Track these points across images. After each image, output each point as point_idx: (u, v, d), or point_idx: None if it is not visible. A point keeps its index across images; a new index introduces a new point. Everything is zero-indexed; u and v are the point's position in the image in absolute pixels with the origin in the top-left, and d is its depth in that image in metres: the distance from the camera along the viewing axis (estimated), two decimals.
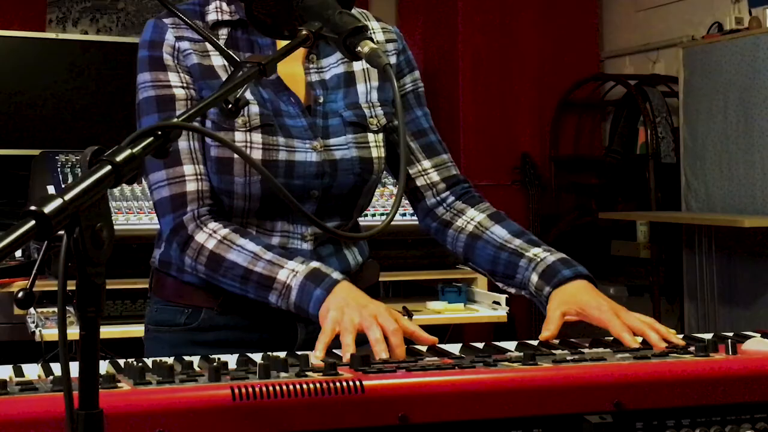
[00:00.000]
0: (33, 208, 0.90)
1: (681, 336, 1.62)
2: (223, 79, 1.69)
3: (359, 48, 1.37)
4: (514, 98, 5.81)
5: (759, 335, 1.58)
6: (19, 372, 1.36)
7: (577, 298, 1.63)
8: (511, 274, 1.74)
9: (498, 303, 3.48)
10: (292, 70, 1.74)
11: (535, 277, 1.70)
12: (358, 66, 1.78)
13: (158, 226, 1.76)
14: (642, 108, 5.34)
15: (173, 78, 1.71)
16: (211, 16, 1.74)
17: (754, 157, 4.65)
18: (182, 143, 1.68)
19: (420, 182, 1.83)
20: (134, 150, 1.01)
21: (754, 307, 4.74)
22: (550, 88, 5.83)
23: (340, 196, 1.74)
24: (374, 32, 1.83)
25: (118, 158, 0.99)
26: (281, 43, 1.71)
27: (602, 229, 5.65)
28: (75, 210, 0.93)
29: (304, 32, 1.39)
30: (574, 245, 5.86)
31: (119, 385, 1.19)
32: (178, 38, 1.71)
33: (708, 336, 1.62)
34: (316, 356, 1.47)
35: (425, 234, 1.91)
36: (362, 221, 1.93)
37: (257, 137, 1.67)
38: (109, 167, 0.98)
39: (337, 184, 1.73)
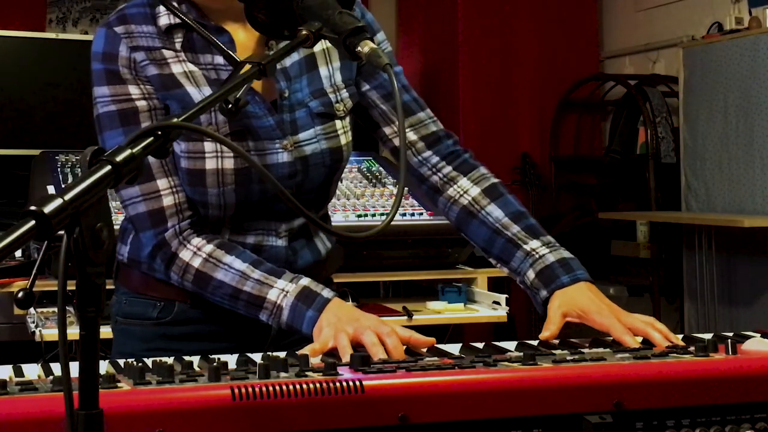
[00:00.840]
0: (33, 208, 0.90)
1: (681, 336, 1.62)
2: (186, 86, 1.66)
3: (359, 48, 1.37)
4: (514, 98, 5.80)
5: (759, 335, 1.58)
6: (19, 372, 1.36)
7: (577, 302, 1.63)
8: (506, 259, 1.73)
9: (498, 303, 3.47)
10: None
11: (531, 274, 1.69)
12: (318, 47, 1.73)
13: None
14: (642, 108, 5.34)
15: (133, 90, 1.67)
16: (163, 20, 1.68)
17: (754, 157, 4.65)
18: (151, 157, 1.66)
19: (398, 143, 1.78)
20: (134, 150, 1.01)
21: (754, 307, 4.74)
22: (550, 88, 5.83)
23: (312, 190, 1.74)
24: None
25: (118, 158, 0.99)
26: (239, 40, 1.69)
27: (602, 229, 5.65)
28: (75, 210, 0.93)
29: (304, 32, 1.39)
30: (574, 245, 5.83)
31: (119, 385, 1.19)
32: (133, 48, 1.66)
33: (708, 336, 1.62)
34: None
35: (425, 233, 1.91)
36: (362, 221, 1.93)
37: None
38: (109, 167, 0.98)
39: (309, 179, 1.72)
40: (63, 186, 3.19)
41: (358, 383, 1.20)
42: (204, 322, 1.73)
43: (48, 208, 0.90)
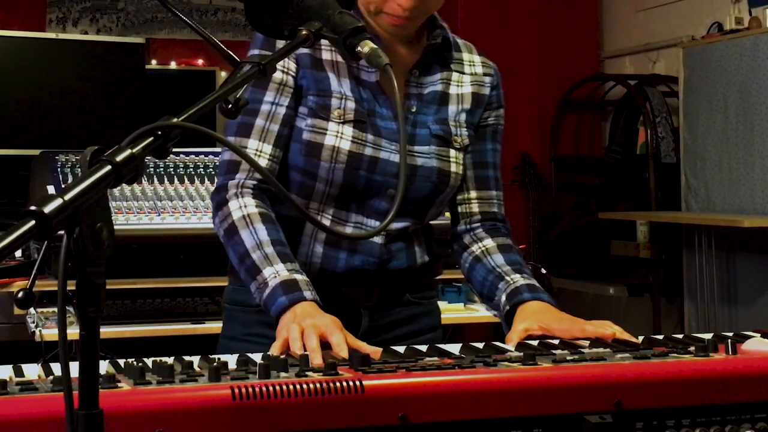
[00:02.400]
0: (33, 208, 0.90)
1: (681, 336, 1.62)
2: (328, 73, 1.79)
3: (359, 48, 1.37)
4: (514, 98, 5.80)
5: (759, 335, 1.58)
6: (19, 372, 1.36)
7: (538, 315, 1.73)
8: (492, 296, 1.85)
9: None
10: (396, 80, 1.76)
11: (503, 298, 1.81)
12: (453, 90, 1.88)
13: (158, 226, 1.79)
14: (642, 108, 5.34)
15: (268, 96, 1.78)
16: None
17: (754, 157, 4.65)
18: (259, 121, 1.77)
19: (461, 209, 1.93)
20: (134, 150, 1.01)
21: (754, 307, 4.74)
22: (550, 88, 5.83)
23: (414, 201, 1.82)
24: (474, 65, 1.94)
25: (118, 158, 0.99)
26: (389, 53, 1.78)
27: (602, 229, 5.65)
28: (75, 210, 0.93)
29: (304, 32, 1.39)
30: (574, 245, 5.87)
31: (119, 385, 1.19)
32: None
33: (708, 336, 1.62)
34: (272, 353, 1.50)
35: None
36: None
37: (348, 130, 1.76)
38: (109, 167, 0.98)
39: (414, 188, 1.81)
40: (63, 186, 3.20)
41: (358, 383, 1.20)
42: None
43: (48, 208, 0.90)
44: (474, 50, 1.97)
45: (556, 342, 1.60)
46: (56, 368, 1.35)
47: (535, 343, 1.59)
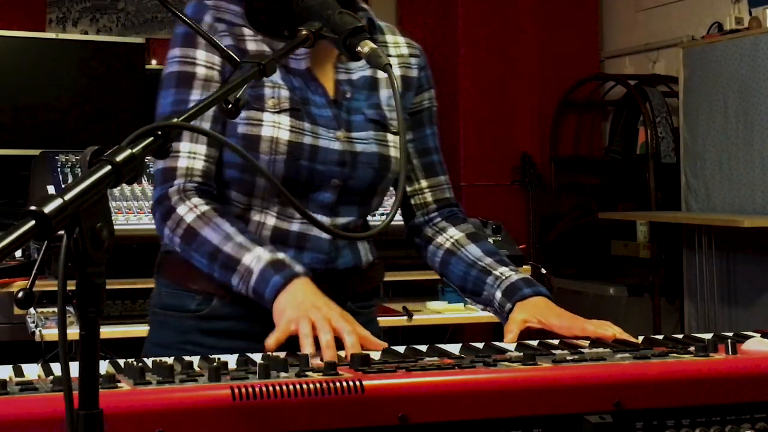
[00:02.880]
0: (33, 208, 0.90)
1: (681, 336, 1.62)
2: None
3: (359, 48, 1.37)
4: (514, 98, 5.81)
5: (759, 335, 1.58)
6: (19, 372, 1.36)
7: (538, 310, 1.72)
8: (479, 291, 1.82)
9: None
10: (323, 65, 1.77)
11: (498, 294, 1.78)
12: (382, 74, 1.82)
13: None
14: (642, 108, 5.34)
15: (200, 55, 1.74)
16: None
17: (754, 157, 4.65)
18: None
19: (414, 201, 1.91)
20: (134, 150, 1.01)
21: (754, 307, 4.74)
22: (550, 88, 5.83)
23: (358, 190, 1.77)
24: (399, 46, 1.89)
25: (118, 158, 0.99)
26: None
27: (602, 229, 5.65)
28: (75, 210, 0.93)
29: (304, 32, 1.39)
30: (574, 245, 5.87)
31: (119, 385, 1.19)
32: (217, 19, 1.74)
33: (708, 336, 1.62)
34: (267, 347, 1.50)
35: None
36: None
37: (285, 119, 1.71)
38: (109, 167, 0.98)
39: (357, 176, 1.76)
40: (63, 186, 3.20)
41: (358, 383, 1.20)
42: (240, 320, 1.74)
43: (48, 208, 0.90)
44: (397, 32, 1.92)
45: (556, 342, 1.60)
46: (56, 368, 1.35)
47: (535, 343, 1.59)
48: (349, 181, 1.75)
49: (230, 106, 1.26)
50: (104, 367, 1.38)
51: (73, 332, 1.64)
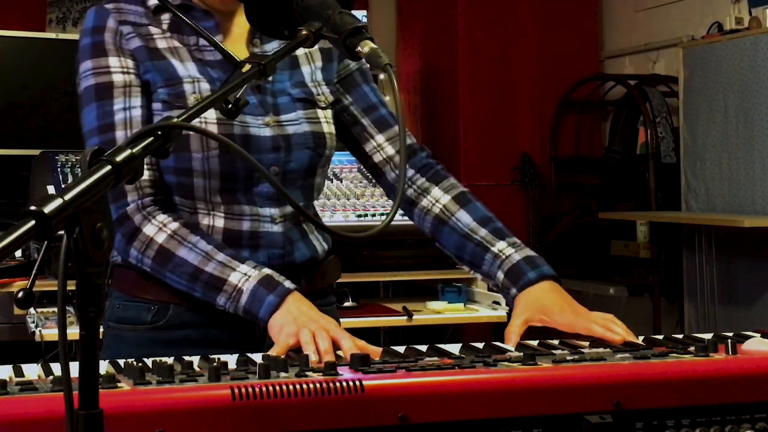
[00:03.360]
0: (33, 208, 0.90)
1: (681, 336, 1.62)
2: (170, 59, 1.70)
3: (359, 48, 1.37)
4: (514, 98, 5.80)
5: (759, 335, 1.58)
6: (19, 372, 1.36)
7: (540, 302, 1.67)
8: (477, 264, 1.78)
9: (498, 303, 3.47)
10: (238, 52, 1.73)
11: (501, 275, 1.73)
12: (300, 51, 1.78)
13: None
14: (642, 108, 5.34)
15: (113, 62, 1.69)
16: (152, 1, 1.74)
17: (754, 157, 4.65)
18: (119, 133, 1.67)
19: (377, 158, 1.84)
20: (134, 150, 1.01)
21: (754, 307, 4.74)
22: (550, 88, 5.83)
23: (299, 173, 1.74)
24: None
25: (118, 158, 0.99)
26: (225, 26, 1.75)
27: (602, 229, 5.65)
28: (75, 210, 0.93)
29: (304, 32, 1.39)
30: (574, 245, 5.87)
31: (119, 385, 1.19)
32: (121, 22, 1.70)
33: (708, 336, 1.62)
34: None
35: (425, 234, 1.91)
36: (363, 221, 1.93)
37: (211, 113, 1.66)
38: (109, 167, 0.98)
39: (295, 159, 1.73)
40: (63, 186, 3.19)
41: (358, 383, 1.20)
42: (199, 327, 1.72)
43: (48, 208, 0.90)
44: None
45: (556, 342, 1.60)
46: (56, 368, 1.35)
47: (535, 343, 1.59)
48: (288, 165, 1.72)
49: (230, 106, 1.26)
50: (104, 367, 1.38)
51: (73, 332, 1.64)
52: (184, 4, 1.75)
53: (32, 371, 1.36)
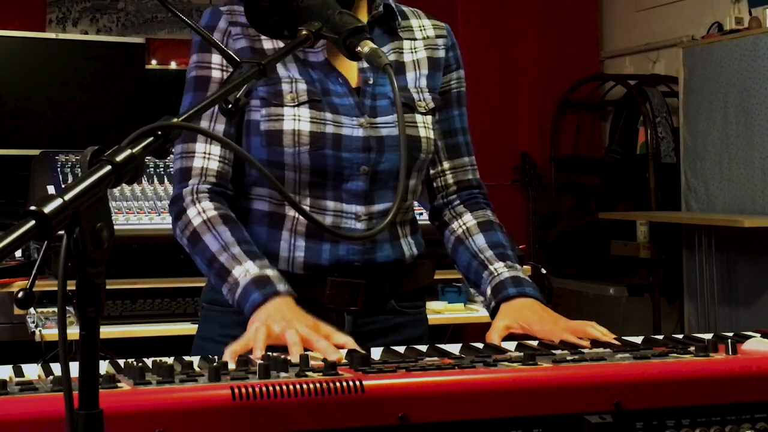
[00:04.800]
0: (33, 208, 0.90)
1: (681, 336, 1.62)
2: None
3: (359, 48, 1.37)
4: (514, 98, 5.81)
5: (759, 335, 1.58)
6: (19, 372, 1.36)
7: (520, 314, 1.70)
8: (478, 284, 1.82)
9: None
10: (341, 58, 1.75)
11: (488, 291, 1.78)
12: (408, 57, 1.84)
13: (158, 226, 1.78)
14: (642, 108, 5.34)
15: (215, 59, 1.77)
16: None
17: (754, 157, 4.65)
18: (203, 123, 1.75)
19: (436, 183, 1.91)
20: (134, 150, 1.01)
21: (754, 307, 4.74)
22: (550, 88, 5.83)
23: (390, 174, 1.77)
24: (424, 29, 1.90)
25: (118, 158, 0.99)
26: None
27: (602, 229, 5.65)
28: (75, 210, 0.93)
29: (304, 32, 1.39)
30: (574, 245, 5.87)
31: (119, 385, 1.19)
32: (232, 23, 1.78)
33: (708, 336, 1.62)
34: (224, 357, 1.47)
35: (425, 234, 1.92)
36: None
37: (305, 111, 1.72)
38: (109, 167, 0.98)
39: (386, 160, 1.76)
40: (63, 186, 3.19)
41: (358, 383, 1.20)
42: None
43: (48, 208, 0.90)
44: (422, 15, 1.93)
45: (556, 342, 1.59)
46: (56, 368, 1.35)
47: (535, 343, 1.59)
48: (379, 166, 1.75)
49: (230, 106, 1.26)
50: (104, 367, 1.38)
51: (73, 332, 1.64)
52: None
53: (32, 371, 1.36)
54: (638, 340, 1.57)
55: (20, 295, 0.94)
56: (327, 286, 1.73)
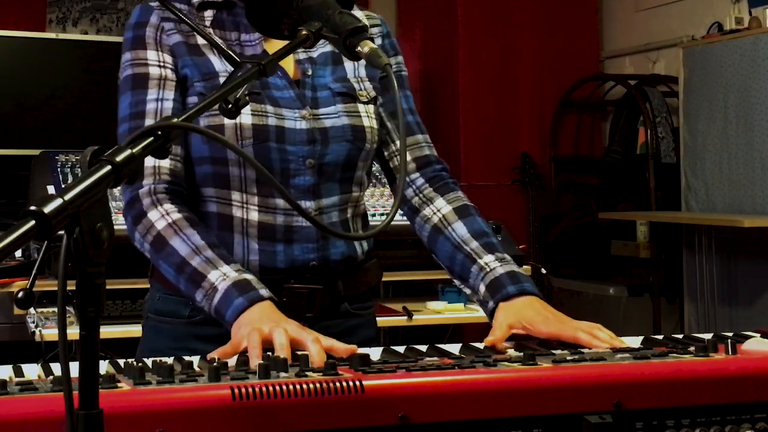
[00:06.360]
0: (33, 208, 0.90)
1: (681, 336, 1.62)
2: (208, 56, 1.72)
3: (359, 48, 1.37)
4: (514, 98, 5.81)
5: (759, 335, 1.58)
6: (19, 372, 1.36)
7: (523, 314, 1.63)
8: (465, 277, 1.75)
9: None
10: (279, 47, 1.73)
11: (482, 288, 1.70)
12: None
13: None
14: (642, 108, 5.34)
15: (151, 56, 1.73)
16: None
17: (754, 157, 4.65)
18: (148, 121, 1.69)
19: (393, 163, 1.85)
20: (134, 150, 1.01)
21: (754, 307, 4.74)
22: (550, 88, 5.83)
23: (336, 166, 1.73)
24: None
25: (118, 158, 0.99)
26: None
27: (602, 229, 5.65)
28: (75, 210, 0.93)
29: (304, 32, 1.39)
30: (574, 245, 5.87)
31: (119, 385, 1.19)
32: (163, 18, 1.74)
33: (708, 336, 1.62)
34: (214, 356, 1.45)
35: None
36: None
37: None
38: (109, 167, 0.98)
39: (331, 152, 1.72)
40: (63, 186, 3.19)
41: (358, 383, 1.20)
42: None
43: (48, 208, 0.90)
44: (355, 8, 1.86)
45: (555, 342, 1.59)
46: (56, 368, 1.35)
47: (534, 343, 1.59)
48: (324, 158, 1.72)
49: (230, 106, 1.26)
50: (104, 367, 1.38)
51: (73, 332, 1.65)
52: (228, 0, 1.76)
53: (32, 371, 1.36)
54: (638, 340, 1.57)
55: (20, 295, 0.94)
56: (284, 294, 1.68)
